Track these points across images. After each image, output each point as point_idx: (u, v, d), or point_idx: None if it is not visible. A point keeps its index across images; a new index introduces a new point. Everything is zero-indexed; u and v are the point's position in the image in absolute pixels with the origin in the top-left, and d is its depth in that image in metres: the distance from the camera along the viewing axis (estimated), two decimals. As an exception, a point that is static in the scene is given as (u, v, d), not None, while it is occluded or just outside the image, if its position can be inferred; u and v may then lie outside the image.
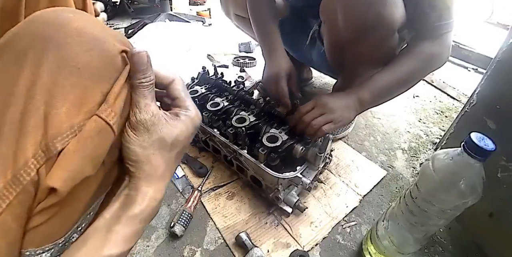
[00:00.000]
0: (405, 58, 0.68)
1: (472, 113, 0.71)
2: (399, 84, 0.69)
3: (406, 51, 0.70)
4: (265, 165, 0.61)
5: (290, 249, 0.62)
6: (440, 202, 0.43)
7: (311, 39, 0.84)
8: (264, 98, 0.74)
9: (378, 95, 0.68)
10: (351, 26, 0.65)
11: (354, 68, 0.78)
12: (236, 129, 0.65)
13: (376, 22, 0.62)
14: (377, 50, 0.69)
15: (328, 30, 0.72)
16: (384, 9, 0.60)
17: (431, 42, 0.67)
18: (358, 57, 0.73)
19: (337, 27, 0.67)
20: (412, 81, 0.70)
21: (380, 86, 0.67)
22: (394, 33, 0.66)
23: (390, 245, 0.54)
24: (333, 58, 0.80)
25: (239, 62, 1.39)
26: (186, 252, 0.62)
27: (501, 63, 0.63)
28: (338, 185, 0.78)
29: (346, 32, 0.67)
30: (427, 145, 0.97)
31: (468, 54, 1.57)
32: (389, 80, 0.68)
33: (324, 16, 0.71)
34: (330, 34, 0.72)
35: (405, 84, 0.70)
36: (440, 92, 1.30)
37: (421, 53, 0.67)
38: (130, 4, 2.10)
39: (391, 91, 0.70)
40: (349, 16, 0.64)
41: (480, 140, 0.38)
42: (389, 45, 0.69)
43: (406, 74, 0.68)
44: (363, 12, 0.61)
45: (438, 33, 0.66)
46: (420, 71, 0.69)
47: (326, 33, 0.73)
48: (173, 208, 0.71)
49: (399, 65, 0.68)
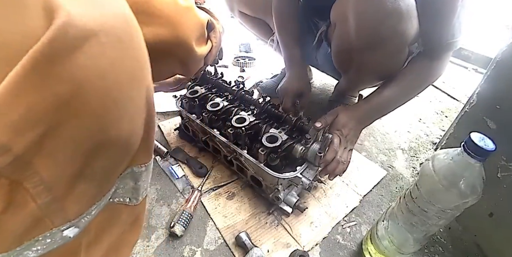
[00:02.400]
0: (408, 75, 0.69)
1: (472, 113, 0.71)
2: (398, 101, 0.71)
3: (409, 67, 0.70)
4: (265, 165, 0.61)
5: (290, 249, 0.62)
6: (440, 202, 0.43)
7: (318, 40, 0.84)
8: (264, 98, 0.74)
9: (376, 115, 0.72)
10: (362, 36, 0.63)
11: (358, 74, 0.78)
12: (236, 129, 0.65)
13: (389, 35, 0.60)
14: (385, 62, 0.68)
15: (338, 35, 0.70)
16: (399, 23, 0.58)
17: (432, 59, 0.67)
18: (364, 66, 0.72)
19: (347, 33, 0.65)
20: (409, 98, 0.72)
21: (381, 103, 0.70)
22: (405, 47, 0.65)
23: (390, 245, 0.54)
24: (339, 62, 0.80)
25: (239, 62, 1.39)
26: (186, 252, 0.62)
27: (501, 63, 0.63)
28: (338, 185, 0.78)
29: (356, 40, 0.65)
30: (427, 145, 0.97)
31: (468, 54, 1.57)
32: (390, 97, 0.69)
33: (335, 20, 0.69)
34: (339, 39, 0.71)
35: (403, 100, 0.72)
36: (440, 92, 1.30)
37: (422, 70, 0.68)
38: (130, 4, 2.10)
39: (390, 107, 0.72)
40: (361, 25, 0.61)
41: (480, 140, 0.38)
42: (398, 59, 0.68)
43: (406, 92, 0.70)
44: (377, 23, 0.58)
45: (443, 50, 0.66)
46: (418, 88, 0.71)
47: (335, 36, 0.72)
48: (173, 208, 0.71)
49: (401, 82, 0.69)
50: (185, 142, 0.90)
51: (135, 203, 0.33)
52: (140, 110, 0.24)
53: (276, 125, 0.67)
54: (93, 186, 0.25)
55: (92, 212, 0.27)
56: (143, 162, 0.30)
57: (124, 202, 0.32)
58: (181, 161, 0.83)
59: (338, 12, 0.67)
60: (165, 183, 0.77)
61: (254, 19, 1.02)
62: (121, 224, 0.35)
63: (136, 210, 0.35)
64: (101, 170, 0.25)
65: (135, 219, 0.37)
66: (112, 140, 0.22)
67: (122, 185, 0.30)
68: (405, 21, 0.58)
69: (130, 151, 0.26)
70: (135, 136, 0.25)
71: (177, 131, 0.92)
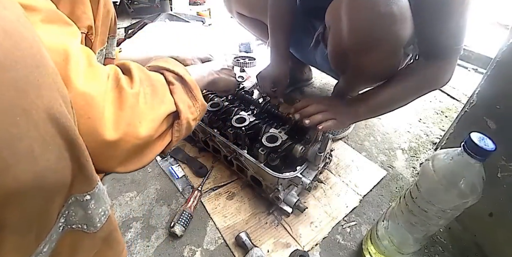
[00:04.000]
0: (406, 77, 0.69)
1: (472, 113, 0.71)
2: (395, 102, 0.71)
3: (410, 69, 0.70)
4: (265, 165, 0.61)
5: (290, 249, 0.62)
6: (440, 202, 0.43)
7: (315, 41, 0.84)
8: (264, 98, 0.74)
9: (373, 110, 0.71)
10: (356, 38, 0.63)
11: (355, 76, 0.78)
12: (236, 129, 0.65)
13: (383, 37, 0.60)
14: (380, 64, 0.68)
15: (332, 37, 0.70)
16: (392, 24, 0.58)
17: (436, 64, 0.67)
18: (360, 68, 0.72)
19: (341, 36, 0.65)
20: (407, 100, 0.71)
21: (377, 102, 0.70)
22: (400, 49, 0.64)
23: (390, 245, 0.54)
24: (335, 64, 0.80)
25: (239, 62, 1.39)
26: (186, 252, 0.62)
27: (501, 63, 0.63)
28: (338, 185, 0.78)
29: (350, 43, 0.65)
30: (427, 145, 0.97)
31: (468, 54, 1.57)
32: (386, 98, 0.69)
33: (329, 23, 0.69)
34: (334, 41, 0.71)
35: (401, 102, 0.72)
36: (440, 92, 1.30)
37: (423, 75, 0.68)
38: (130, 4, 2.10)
39: (386, 108, 0.72)
40: (355, 27, 0.62)
41: (480, 140, 0.38)
42: (393, 60, 0.68)
43: (403, 94, 0.70)
44: (370, 24, 0.59)
45: (445, 56, 0.65)
46: (417, 92, 0.70)
47: (330, 39, 0.72)
48: (173, 208, 0.71)
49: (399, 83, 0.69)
50: (185, 142, 0.90)
51: (94, 231, 0.31)
52: (44, 145, 0.20)
53: (276, 125, 0.67)
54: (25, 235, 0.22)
55: (44, 250, 0.24)
56: (85, 191, 0.27)
57: (83, 229, 0.30)
58: (181, 161, 0.83)
59: (332, 15, 0.67)
60: (165, 183, 0.77)
61: (252, 20, 1.03)
62: (90, 248, 0.33)
63: (100, 235, 0.33)
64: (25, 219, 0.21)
65: (106, 238, 0.35)
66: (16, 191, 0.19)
67: (73, 213, 0.28)
68: (398, 22, 0.58)
69: (52, 190, 0.23)
70: (50, 175, 0.21)
71: (177, 131, 0.92)
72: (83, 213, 0.28)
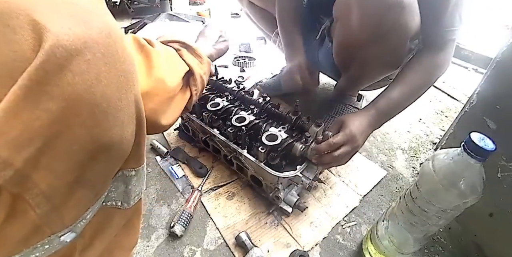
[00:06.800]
0: (414, 72, 0.68)
1: (472, 113, 0.71)
2: (408, 101, 0.69)
3: (414, 64, 0.69)
4: (265, 164, 0.61)
5: (290, 249, 0.62)
6: (440, 202, 0.43)
7: (320, 36, 0.84)
8: (264, 97, 0.74)
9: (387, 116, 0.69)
10: (365, 29, 0.63)
11: (360, 70, 0.77)
12: (236, 128, 0.65)
13: (392, 28, 0.60)
14: (387, 56, 0.68)
15: (340, 28, 0.70)
16: (401, 15, 0.58)
17: (436, 52, 0.67)
18: (366, 61, 0.72)
19: (350, 27, 0.65)
20: (419, 95, 0.70)
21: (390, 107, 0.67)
22: (407, 41, 0.65)
23: (390, 245, 0.54)
24: (340, 58, 0.79)
25: (239, 62, 1.39)
26: (186, 252, 0.62)
27: (501, 63, 0.63)
28: (338, 185, 0.78)
29: (358, 34, 0.65)
30: (427, 145, 0.97)
31: (468, 54, 1.57)
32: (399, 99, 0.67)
33: (338, 14, 0.69)
34: (342, 33, 0.70)
35: (413, 99, 0.70)
36: (440, 92, 1.30)
37: (427, 66, 0.67)
38: (130, 4, 2.10)
39: (399, 110, 0.70)
40: (364, 18, 0.62)
41: (480, 140, 0.38)
42: (399, 54, 0.68)
43: (415, 91, 0.69)
44: (380, 15, 0.59)
45: (444, 40, 0.65)
46: (427, 84, 0.69)
47: (337, 31, 0.72)
48: (173, 208, 0.71)
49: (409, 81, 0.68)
50: (185, 142, 0.90)
51: (126, 207, 0.35)
52: (129, 119, 0.25)
53: (276, 124, 0.67)
54: (89, 192, 0.26)
55: (87, 216, 0.28)
56: (133, 167, 0.32)
57: (116, 206, 0.33)
58: (181, 161, 0.83)
59: (340, 7, 0.67)
60: (165, 183, 0.77)
61: (262, 11, 1.02)
62: (114, 227, 0.36)
63: (128, 214, 0.37)
64: (96, 176, 0.26)
65: (127, 222, 0.38)
66: (105, 147, 0.24)
67: (114, 189, 0.31)
68: (406, 13, 0.59)
69: (122, 156, 0.27)
70: (126, 143, 0.26)
71: (177, 131, 0.92)
72: (123, 189, 0.32)
